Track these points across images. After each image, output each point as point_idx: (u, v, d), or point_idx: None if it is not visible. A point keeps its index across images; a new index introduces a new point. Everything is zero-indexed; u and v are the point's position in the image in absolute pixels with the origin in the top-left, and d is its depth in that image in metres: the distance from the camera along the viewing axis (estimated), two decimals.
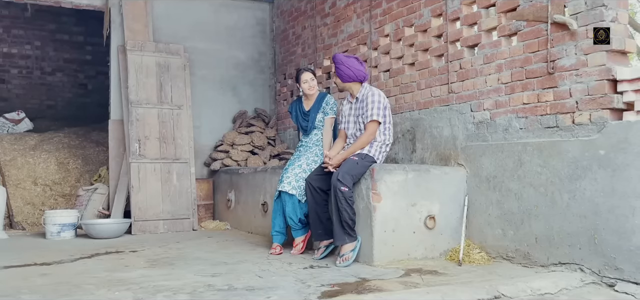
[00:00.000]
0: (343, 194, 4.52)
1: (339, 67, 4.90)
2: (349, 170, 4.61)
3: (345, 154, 4.74)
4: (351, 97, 5.01)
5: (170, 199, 7.03)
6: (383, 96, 4.86)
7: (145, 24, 7.54)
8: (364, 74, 4.93)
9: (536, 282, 3.71)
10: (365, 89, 4.90)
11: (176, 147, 7.23)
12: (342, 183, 4.54)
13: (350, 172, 4.60)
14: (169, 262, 4.78)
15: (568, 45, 4.03)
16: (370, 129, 4.76)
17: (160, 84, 7.31)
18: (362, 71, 4.92)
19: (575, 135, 3.96)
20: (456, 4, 5.01)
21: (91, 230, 6.39)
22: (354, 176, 4.61)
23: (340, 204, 4.53)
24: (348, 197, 4.54)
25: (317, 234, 4.91)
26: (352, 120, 4.98)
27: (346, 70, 4.88)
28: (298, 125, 5.53)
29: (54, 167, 8.06)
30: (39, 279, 4.12)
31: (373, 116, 4.74)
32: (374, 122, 4.76)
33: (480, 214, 4.68)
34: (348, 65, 4.88)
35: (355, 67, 4.89)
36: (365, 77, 4.96)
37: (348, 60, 4.91)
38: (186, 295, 3.56)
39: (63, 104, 11.18)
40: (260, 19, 8.51)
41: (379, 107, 4.77)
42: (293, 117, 5.56)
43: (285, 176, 5.17)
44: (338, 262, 4.50)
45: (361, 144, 4.75)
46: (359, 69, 4.91)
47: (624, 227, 3.61)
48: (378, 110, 4.77)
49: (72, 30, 11.22)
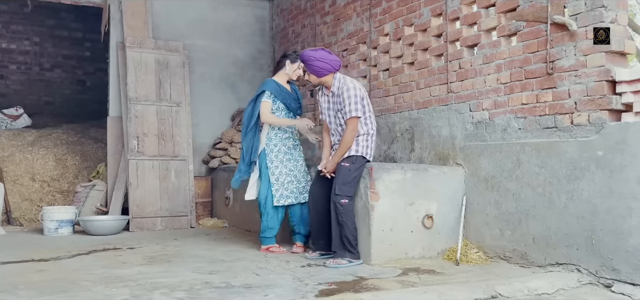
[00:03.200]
0: (344, 207, 4.50)
1: (313, 64, 4.73)
2: (344, 181, 4.55)
3: (336, 159, 4.66)
4: (327, 89, 4.83)
5: (168, 197, 7.03)
6: (358, 87, 4.71)
7: (144, 20, 7.53)
8: (337, 62, 4.77)
9: (533, 282, 3.72)
10: (338, 81, 4.74)
11: (175, 145, 7.23)
12: (341, 196, 4.51)
13: (346, 182, 4.55)
14: (167, 259, 4.78)
15: (567, 46, 4.03)
16: (350, 126, 4.62)
17: (159, 81, 7.31)
18: (334, 60, 4.76)
19: (573, 136, 3.97)
20: (456, 3, 5.01)
21: (89, 227, 6.39)
22: (351, 184, 4.57)
23: (340, 217, 4.51)
24: (349, 211, 4.52)
25: (320, 245, 4.84)
26: (332, 114, 4.83)
27: (320, 64, 4.71)
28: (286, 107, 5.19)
29: (52, 164, 8.05)
30: (36, 275, 4.11)
31: (351, 113, 4.62)
32: (353, 119, 4.63)
33: (478, 213, 4.69)
34: (321, 59, 4.72)
35: (328, 59, 4.73)
36: (339, 65, 4.80)
37: (319, 54, 4.75)
38: (183, 293, 3.56)
39: (61, 100, 11.17)
40: (260, 16, 8.51)
41: (356, 101, 4.64)
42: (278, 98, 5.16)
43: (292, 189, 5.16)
44: (328, 262, 4.46)
45: (346, 144, 4.63)
46: (332, 58, 4.75)
47: (621, 228, 3.61)
48: (355, 105, 4.63)
49: (71, 26, 11.21)
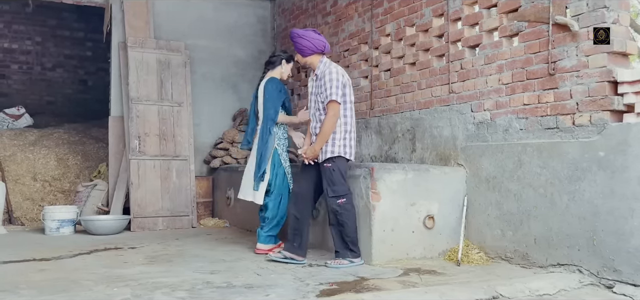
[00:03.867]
0: (342, 207, 4.45)
1: (298, 42, 4.66)
2: (333, 181, 4.48)
3: (316, 146, 4.52)
4: (313, 73, 4.74)
5: (170, 196, 7.03)
6: (341, 73, 4.58)
7: (146, 20, 7.54)
8: (322, 43, 4.66)
9: (534, 282, 3.72)
10: (324, 64, 4.63)
11: (176, 145, 7.23)
12: (336, 196, 4.46)
13: (335, 182, 4.48)
14: (168, 259, 4.78)
15: (569, 47, 4.03)
16: (330, 111, 4.47)
17: (161, 81, 7.31)
18: (320, 40, 4.66)
19: (575, 137, 3.96)
20: (457, 4, 5.01)
21: (90, 227, 6.39)
22: (340, 182, 4.49)
23: (340, 217, 4.47)
24: (348, 210, 4.46)
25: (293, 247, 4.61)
26: (313, 98, 4.70)
27: (304, 42, 4.63)
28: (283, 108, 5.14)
29: (53, 163, 8.05)
30: (37, 275, 4.12)
31: (331, 96, 4.46)
32: (333, 103, 4.47)
33: (479, 214, 4.68)
34: (305, 37, 4.65)
35: (313, 37, 4.65)
36: (325, 46, 4.68)
37: (305, 33, 4.71)
38: (185, 292, 3.56)
39: (63, 100, 11.18)
40: (261, 17, 8.51)
41: (337, 86, 4.48)
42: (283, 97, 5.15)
43: None
44: (329, 262, 4.46)
45: (325, 130, 4.47)
46: (317, 38, 4.66)
47: (622, 228, 3.61)
48: (336, 89, 4.47)
49: (73, 26, 11.22)
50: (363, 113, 6.30)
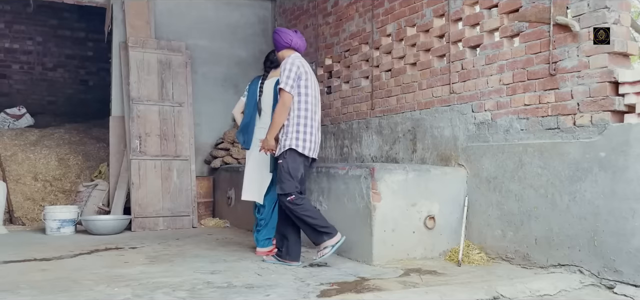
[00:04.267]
0: (294, 203, 4.34)
1: (273, 37, 4.67)
2: (280, 179, 4.41)
3: (268, 136, 4.47)
4: None
5: (170, 196, 7.03)
6: (297, 64, 4.42)
7: (147, 20, 7.54)
8: (290, 38, 4.57)
9: (535, 283, 3.71)
10: (289, 58, 4.49)
11: (177, 145, 7.23)
12: (284, 195, 4.35)
13: (283, 179, 4.38)
14: (169, 259, 4.78)
15: (570, 47, 4.03)
16: (279, 100, 4.38)
17: (162, 81, 7.32)
18: (288, 36, 4.57)
19: (576, 137, 3.96)
20: (458, 4, 5.01)
21: (91, 227, 6.40)
22: (288, 180, 4.36)
23: (296, 213, 4.36)
24: (301, 204, 4.34)
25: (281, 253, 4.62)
26: None
27: (276, 37, 4.61)
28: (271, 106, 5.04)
29: (54, 163, 8.06)
30: (38, 275, 4.12)
31: (280, 84, 4.37)
32: (281, 91, 4.35)
33: (480, 214, 4.68)
34: (278, 32, 4.62)
35: (284, 32, 4.60)
36: (291, 41, 4.57)
37: (280, 29, 4.68)
38: (185, 292, 3.56)
39: (64, 99, 11.18)
40: (262, 17, 8.51)
41: (289, 76, 4.35)
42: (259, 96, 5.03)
43: None
44: (315, 259, 4.41)
45: (274, 119, 4.41)
46: (286, 33, 4.59)
47: (623, 229, 3.61)
48: (286, 79, 4.34)
49: (74, 26, 11.22)
50: (364, 113, 6.30)
